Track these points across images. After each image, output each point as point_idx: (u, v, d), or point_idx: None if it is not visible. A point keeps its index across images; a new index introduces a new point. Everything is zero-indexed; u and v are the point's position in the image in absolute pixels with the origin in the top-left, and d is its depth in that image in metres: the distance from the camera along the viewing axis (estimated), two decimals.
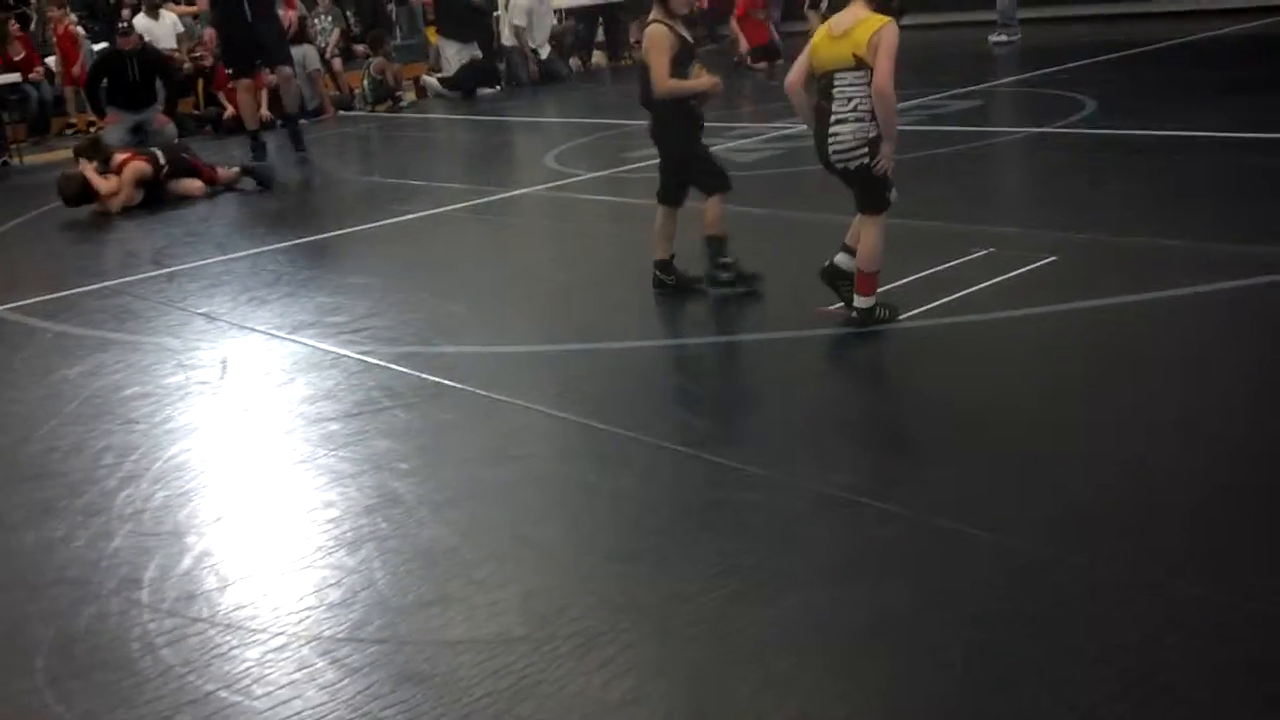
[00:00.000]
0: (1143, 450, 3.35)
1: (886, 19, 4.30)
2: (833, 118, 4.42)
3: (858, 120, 4.39)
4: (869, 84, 4.32)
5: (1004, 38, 12.77)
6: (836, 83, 4.40)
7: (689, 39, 5.10)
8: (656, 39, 4.97)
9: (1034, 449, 3.46)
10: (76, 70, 13.70)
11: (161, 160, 9.03)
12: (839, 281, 4.60)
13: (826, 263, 4.62)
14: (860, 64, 4.33)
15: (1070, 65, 10.87)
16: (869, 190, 4.49)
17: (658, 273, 5.27)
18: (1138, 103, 8.89)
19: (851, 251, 4.56)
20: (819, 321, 4.66)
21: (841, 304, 4.63)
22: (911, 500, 3.18)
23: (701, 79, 5.09)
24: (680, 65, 5.01)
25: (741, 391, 4.32)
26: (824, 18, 4.72)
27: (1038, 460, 3.38)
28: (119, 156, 8.91)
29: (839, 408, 4.05)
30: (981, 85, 10.54)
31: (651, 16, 5.07)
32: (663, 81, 4.97)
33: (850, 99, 4.39)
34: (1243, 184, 6.14)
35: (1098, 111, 8.50)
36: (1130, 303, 4.51)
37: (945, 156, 7.44)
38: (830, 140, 4.44)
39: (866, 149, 4.41)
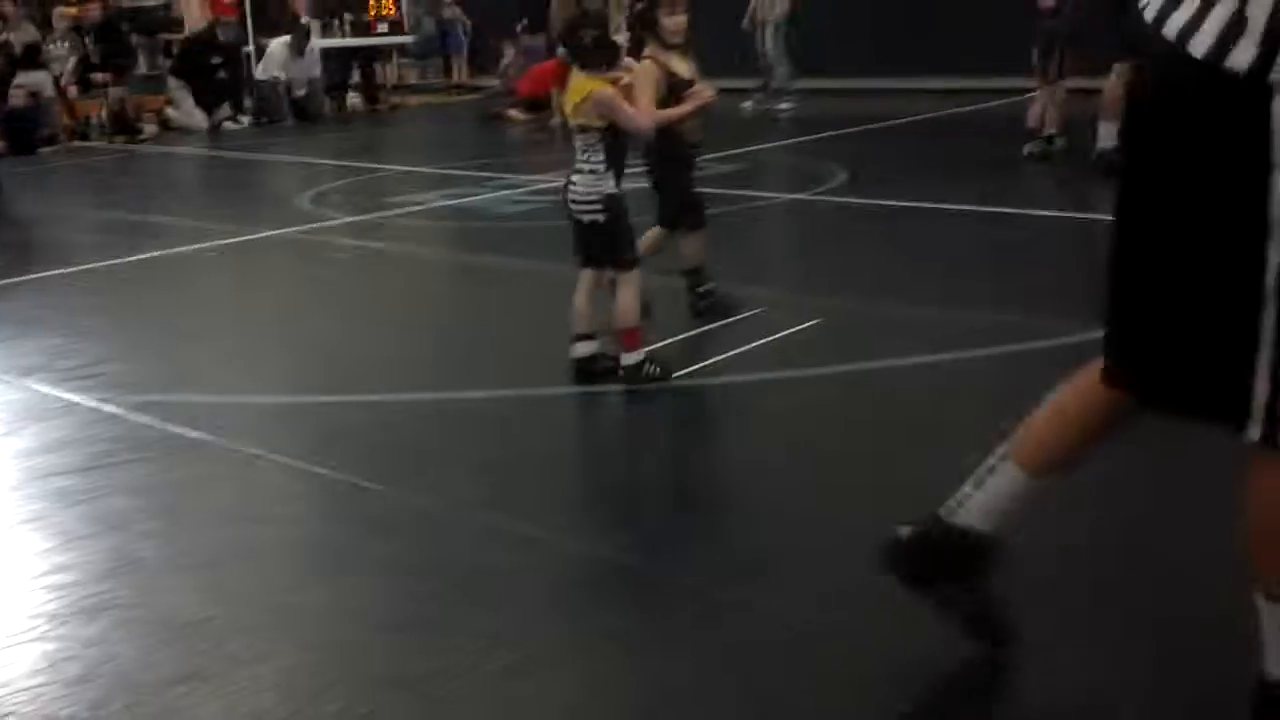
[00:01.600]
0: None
1: (593, 85, 4.33)
2: (573, 167, 4.46)
3: (592, 173, 4.40)
4: (599, 146, 4.35)
5: (784, 105, 13.23)
6: (576, 138, 4.44)
7: (680, 74, 4.95)
8: (642, 75, 4.79)
9: (805, 512, 3.46)
10: None
11: None
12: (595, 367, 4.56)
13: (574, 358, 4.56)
14: (583, 129, 4.38)
15: (822, 135, 11.26)
16: (609, 245, 4.48)
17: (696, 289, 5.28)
18: (885, 175, 9.25)
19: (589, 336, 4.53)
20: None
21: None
22: (687, 565, 3.11)
23: (685, 104, 4.89)
24: (666, 103, 4.87)
25: (512, 449, 4.19)
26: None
27: (805, 523, 3.37)
28: None
29: (611, 468, 3.97)
30: (743, 149, 10.78)
31: (645, 52, 4.92)
32: (648, 116, 4.66)
33: (584, 150, 4.42)
34: (983, 255, 6.43)
35: (848, 182, 8.79)
36: (889, 367, 4.61)
37: (713, 218, 7.52)
38: (569, 189, 4.48)
39: (601, 204, 4.40)
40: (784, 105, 13.31)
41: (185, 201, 10.38)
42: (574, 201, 4.45)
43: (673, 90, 4.92)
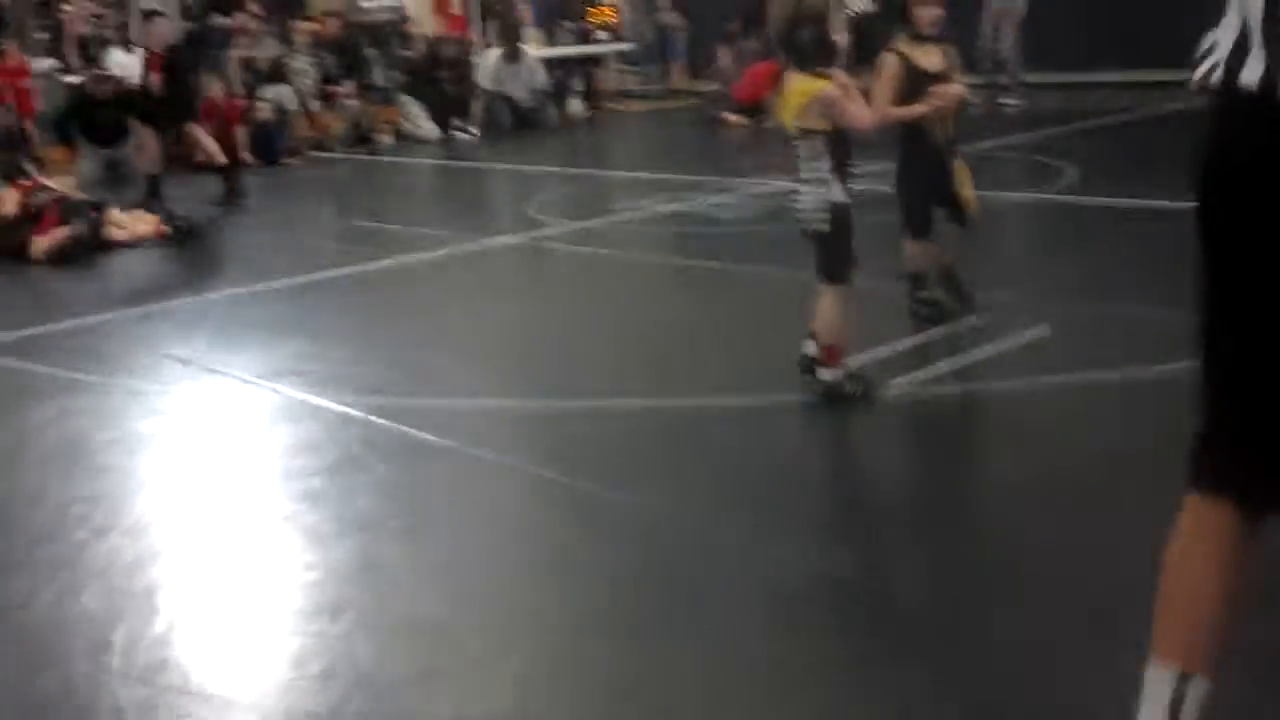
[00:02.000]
0: None
1: (816, 85, 4.21)
2: (799, 176, 4.37)
3: (818, 182, 4.30)
4: (823, 151, 4.25)
5: (1013, 100, 12.94)
6: (797, 146, 4.34)
7: (928, 70, 4.88)
8: (884, 69, 4.77)
9: (1042, 533, 3.36)
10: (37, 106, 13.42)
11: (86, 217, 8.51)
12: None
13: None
14: (805, 133, 4.26)
15: (1051, 130, 10.92)
16: (826, 257, 4.38)
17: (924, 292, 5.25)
18: (1120, 172, 8.90)
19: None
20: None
21: None
22: (915, 582, 3.07)
23: (919, 104, 4.84)
24: (911, 99, 4.84)
25: (738, 459, 4.17)
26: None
27: (1041, 547, 3.28)
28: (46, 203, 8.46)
29: (839, 481, 3.94)
30: (970, 146, 10.52)
31: (893, 44, 4.90)
32: (875, 112, 4.57)
33: (806, 159, 4.32)
34: None
35: (1079, 180, 8.50)
36: (1128, 379, 4.43)
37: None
38: (795, 199, 4.40)
39: (827, 214, 4.31)
40: (1014, 100, 12.98)
41: (417, 210, 10.77)
42: (801, 213, 4.37)
43: (917, 85, 4.81)
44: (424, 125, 14.98)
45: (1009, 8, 12.85)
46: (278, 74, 14.22)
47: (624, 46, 17.46)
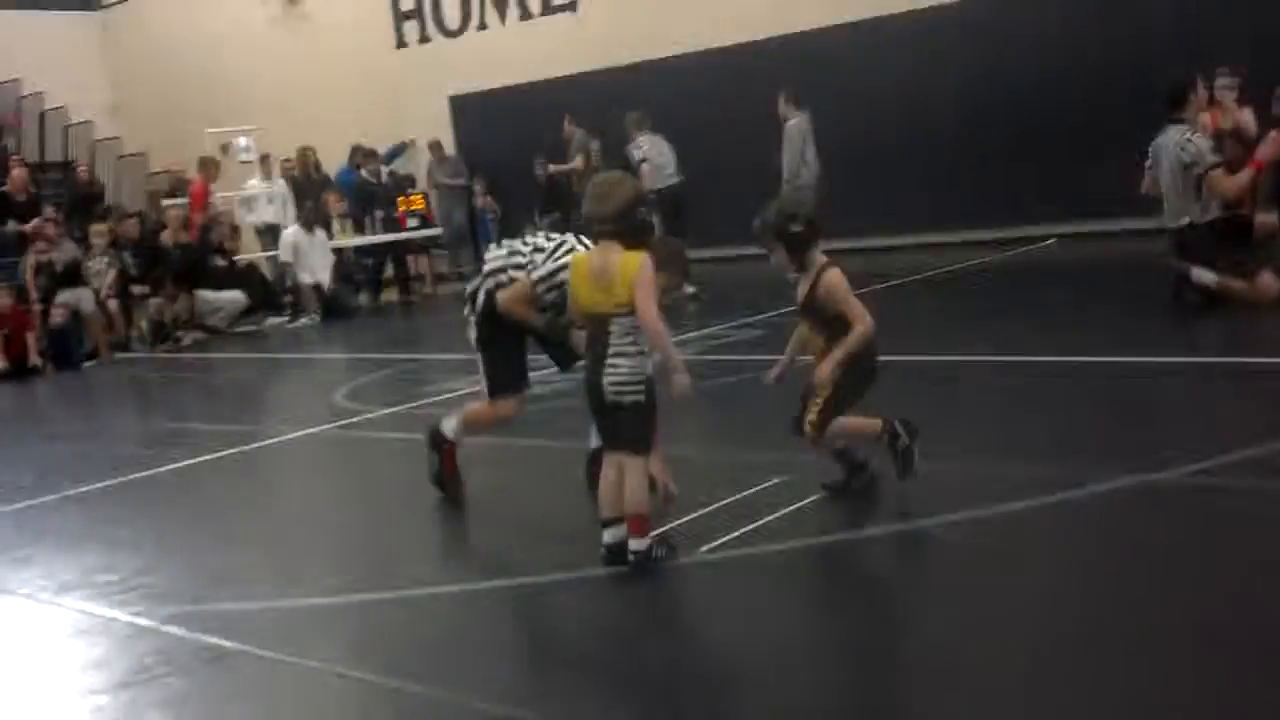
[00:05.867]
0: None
1: (639, 257, 4.35)
2: (611, 349, 4.40)
3: (638, 354, 4.39)
4: (637, 325, 4.34)
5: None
6: (613, 323, 4.39)
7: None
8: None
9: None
10: None
11: None
12: None
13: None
14: (634, 308, 4.35)
15: None
16: (634, 428, 4.43)
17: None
18: (902, 329, 9.27)
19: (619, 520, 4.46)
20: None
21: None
22: None
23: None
24: None
25: (545, 640, 4.14)
26: None
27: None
28: None
29: (648, 651, 3.91)
30: (763, 316, 10.87)
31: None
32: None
33: (628, 333, 4.38)
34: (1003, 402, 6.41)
35: None
36: (918, 529, 4.56)
37: (730, 386, 7.56)
38: (608, 370, 4.40)
39: (642, 386, 4.39)
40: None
41: (223, 406, 10.54)
42: (616, 384, 4.39)
43: None
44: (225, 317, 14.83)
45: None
46: (74, 276, 13.92)
47: (435, 232, 17.63)
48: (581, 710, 3.41)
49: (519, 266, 5.36)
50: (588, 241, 5.21)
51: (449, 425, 5.63)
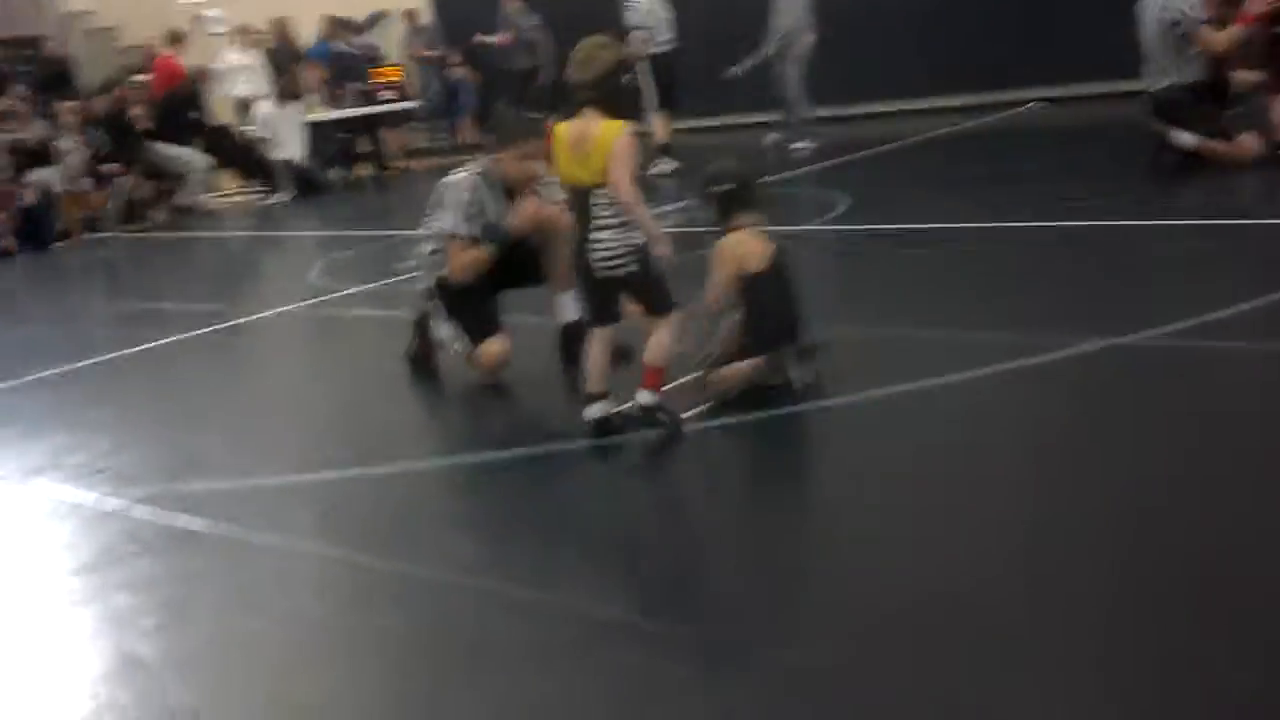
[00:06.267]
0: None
1: (618, 127, 4.23)
2: (594, 223, 4.31)
3: (622, 225, 4.30)
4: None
5: (801, 144, 12.65)
6: (594, 195, 4.29)
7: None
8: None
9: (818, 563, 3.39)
10: None
11: None
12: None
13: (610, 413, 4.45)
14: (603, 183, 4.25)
15: (824, 164, 11.23)
16: (648, 294, 4.38)
17: None
18: (889, 197, 9.19)
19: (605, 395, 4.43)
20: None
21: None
22: (692, 615, 3.05)
23: None
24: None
25: (514, 512, 4.12)
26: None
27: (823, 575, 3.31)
28: None
29: (618, 526, 3.91)
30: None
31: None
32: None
33: (611, 203, 4.28)
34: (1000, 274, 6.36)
35: (853, 208, 8.72)
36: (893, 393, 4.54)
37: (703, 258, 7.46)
38: (594, 247, 4.32)
39: (634, 254, 4.32)
40: (803, 144, 12.79)
41: (193, 286, 10.42)
42: (603, 259, 4.31)
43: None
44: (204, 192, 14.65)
45: (790, 51, 12.60)
46: (44, 156, 13.67)
47: (410, 105, 17.31)
48: (544, 578, 3.41)
49: (446, 232, 5.35)
50: (477, 169, 5.36)
51: (442, 331, 5.53)
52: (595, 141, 4.24)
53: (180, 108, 15.02)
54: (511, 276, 5.54)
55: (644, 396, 4.38)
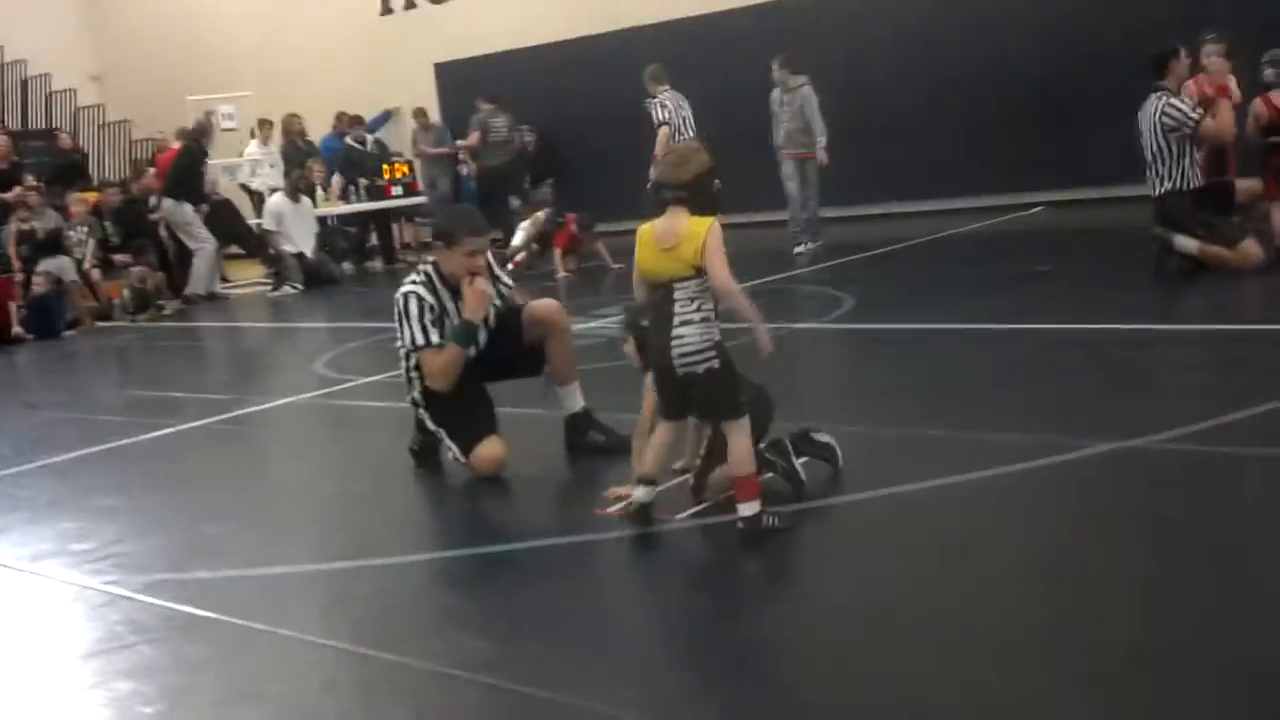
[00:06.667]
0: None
1: (709, 221, 4.28)
2: (676, 320, 4.31)
3: (704, 321, 4.30)
4: (706, 290, 4.27)
5: (807, 245, 12.51)
6: (677, 290, 4.30)
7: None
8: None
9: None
10: None
11: None
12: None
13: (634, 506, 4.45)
14: (700, 272, 4.27)
15: (831, 264, 11.34)
16: (723, 394, 4.35)
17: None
18: (891, 298, 9.26)
19: (651, 482, 4.43)
20: (596, 526, 4.54)
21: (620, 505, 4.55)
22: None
23: None
24: None
25: (519, 606, 4.11)
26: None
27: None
28: None
29: (620, 622, 3.90)
30: (756, 281, 10.84)
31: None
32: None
33: (693, 299, 4.29)
34: (996, 373, 6.39)
35: (856, 308, 8.79)
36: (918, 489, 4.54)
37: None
38: (675, 343, 4.30)
39: (714, 351, 4.31)
40: (808, 244, 12.56)
41: (205, 375, 10.50)
42: (685, 354, 4.28)
43: None
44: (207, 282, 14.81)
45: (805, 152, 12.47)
46: (56, 245, 13.83)
47: (419, 200, 17.53)
48: (550, 675, 3.39)
49: (411, 346, 5.40)
50: (430, 273, 5.42)
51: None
52: (684, 235, 4.27)
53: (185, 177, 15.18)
54: (499, 370, 5.58)
55: (746, 508, 4.27)
